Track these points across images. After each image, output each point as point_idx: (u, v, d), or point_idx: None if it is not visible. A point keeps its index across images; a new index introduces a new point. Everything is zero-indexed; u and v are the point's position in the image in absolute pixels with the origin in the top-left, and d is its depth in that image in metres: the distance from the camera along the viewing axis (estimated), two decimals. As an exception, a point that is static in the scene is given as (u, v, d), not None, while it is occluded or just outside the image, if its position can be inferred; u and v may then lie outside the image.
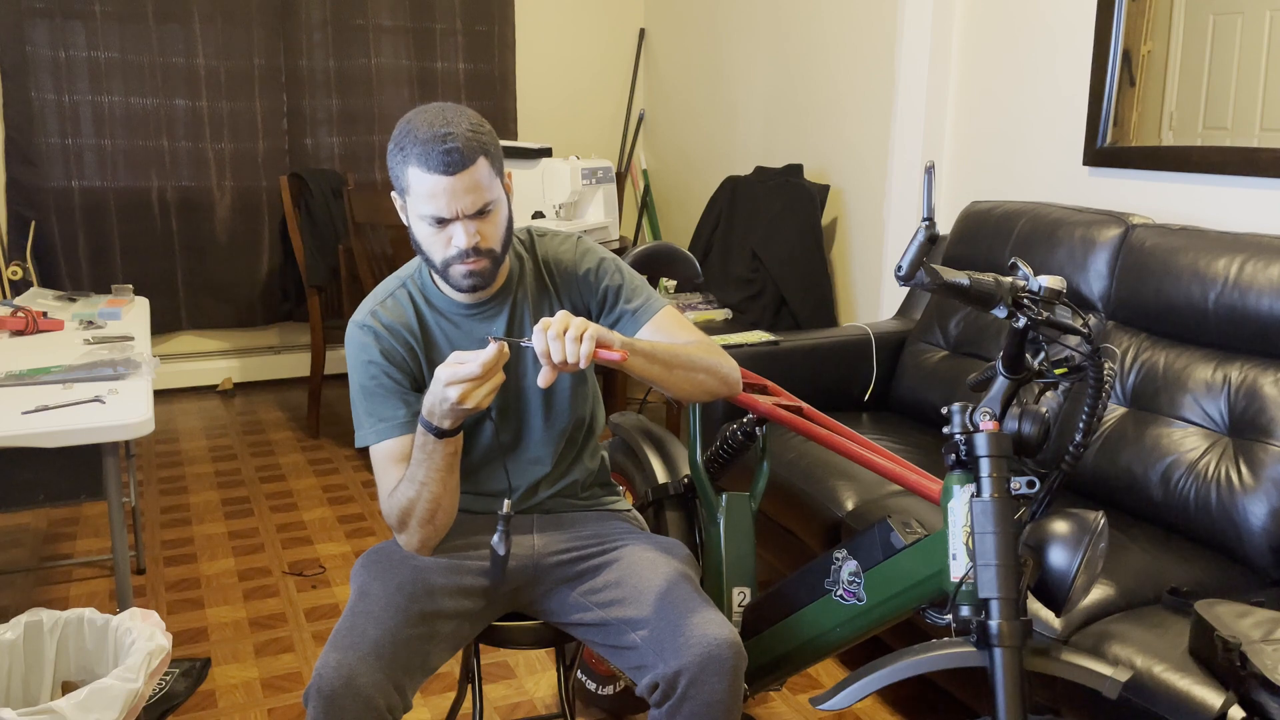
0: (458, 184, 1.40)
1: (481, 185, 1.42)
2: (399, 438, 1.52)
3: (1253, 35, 2.35)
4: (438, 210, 1.42)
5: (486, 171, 1.43)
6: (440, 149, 1.39)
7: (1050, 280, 1.39)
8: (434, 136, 1.39)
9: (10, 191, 4.28)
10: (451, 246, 1.45)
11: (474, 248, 1.44)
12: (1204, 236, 2.21)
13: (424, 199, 1.42)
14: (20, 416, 1.82)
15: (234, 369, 4.84)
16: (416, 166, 1.41)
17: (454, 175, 1.40)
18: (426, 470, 1.45)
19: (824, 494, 2.33)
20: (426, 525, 1.51)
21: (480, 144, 1.42)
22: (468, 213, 1.42)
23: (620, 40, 5.26)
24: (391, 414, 1.52)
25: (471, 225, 1.43)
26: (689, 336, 1.59)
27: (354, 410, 1.57)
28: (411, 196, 1.44)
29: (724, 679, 1.39)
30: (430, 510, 1.49)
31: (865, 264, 3.70)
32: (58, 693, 1.72)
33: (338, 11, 4.65)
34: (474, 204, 1.42)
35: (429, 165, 1.40)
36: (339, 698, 1.33)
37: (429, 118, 1.42)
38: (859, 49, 3.65)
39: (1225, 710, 1.47)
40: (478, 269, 1.46)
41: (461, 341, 1.57)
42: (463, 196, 1.41)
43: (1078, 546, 1.39)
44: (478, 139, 1.42)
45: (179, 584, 2.84)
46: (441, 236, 1.45)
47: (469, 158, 1.40)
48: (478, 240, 1.44)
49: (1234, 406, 2.04)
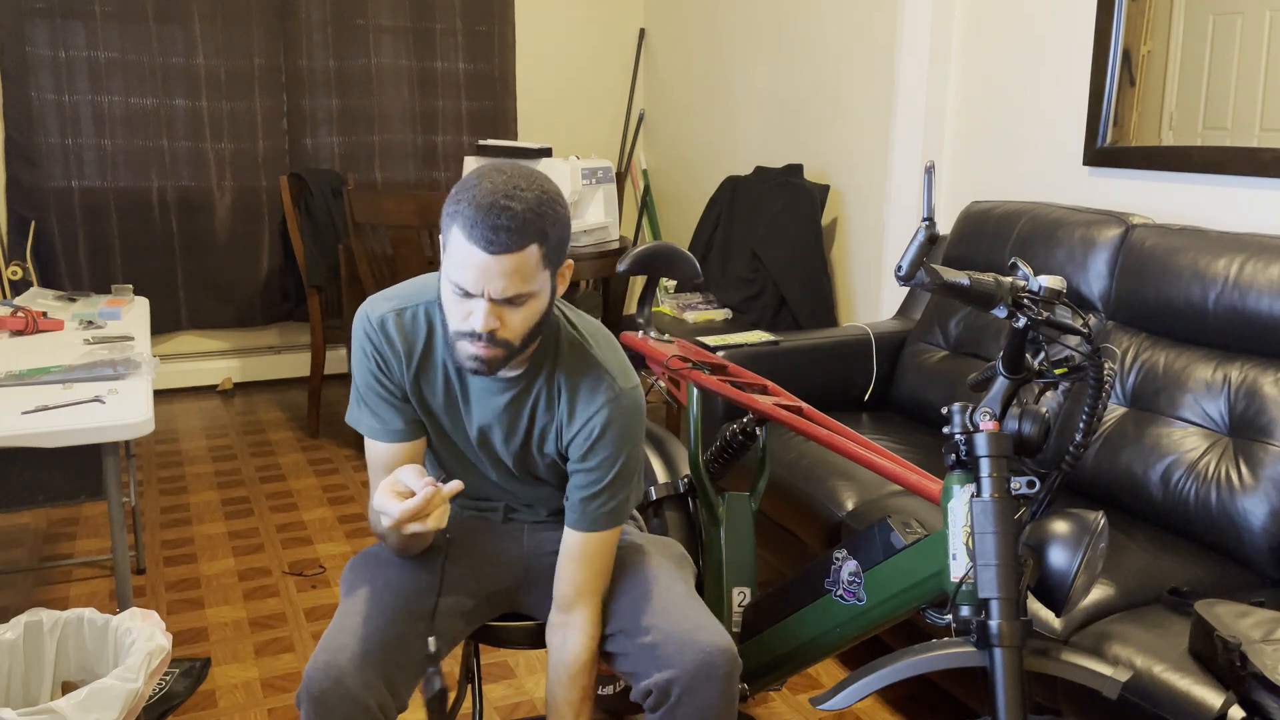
0: (495, 265, 1.26)
1: (522, 273, 1.27)
2: (389, 445, 1.48)
3: (1253, 35, 2.35)
4: (464, 282, 1.28)
5: (534, 260, 1.28)
6: (490, 222, 1.24)
7: (1050, 280, 1.39)
8: (492, 205, 1.25)
9: (10, 191, 4.28)
10: (468, 323, 1.31)
11: (489, 334, 1.31)
12: (1204, 236, 2.21)
13: (457, 265, 1.28)
14: (20, 416, 1.82)
15: (234, 369, 4.84)
16: (460, 230, 1.26)
17: (495, 255, 1.25)
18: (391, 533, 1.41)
19: (824, 494, 2.33)
20: (401, 554, 1.54)
21: (538, 228, 1.27)
22: (496, 297, 1.28)
23: (620, 40, 5.26)
24: (386, 420, 1.48)
25: (496, 311, 1.30)
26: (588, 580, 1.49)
27: (353, 388, 1.52)
28: (448, 255, 1.30)
29: (717, 686, 1.39)
30: (400, 550, 1.51)
31: (865, 264, 3.70)
32: (58, 693, 1.72)
33: (338, 11, 4.65)
34: (505, 290, 1.28)
35: (472, 235, 1.25)
36: (328, 698, 1.33)
37: (496, 182, 1.27)
38: (859, 49, 3.65)
39: (1225, 710, 1.47)
40: (486, 356, 1.33)
41: (457, 392, 1.48)
42: (496, 279, 1.27)
43: (1078, 546, 1.39)
44: (538, 222, 1.27)
45: (179, 584, 2.84)
46: (462, 307, 1.31)
47: (518, 242, 1.25)
48: (496, 327, 1.30)
49: (1234, 406, 2.04)
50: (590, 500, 1.46)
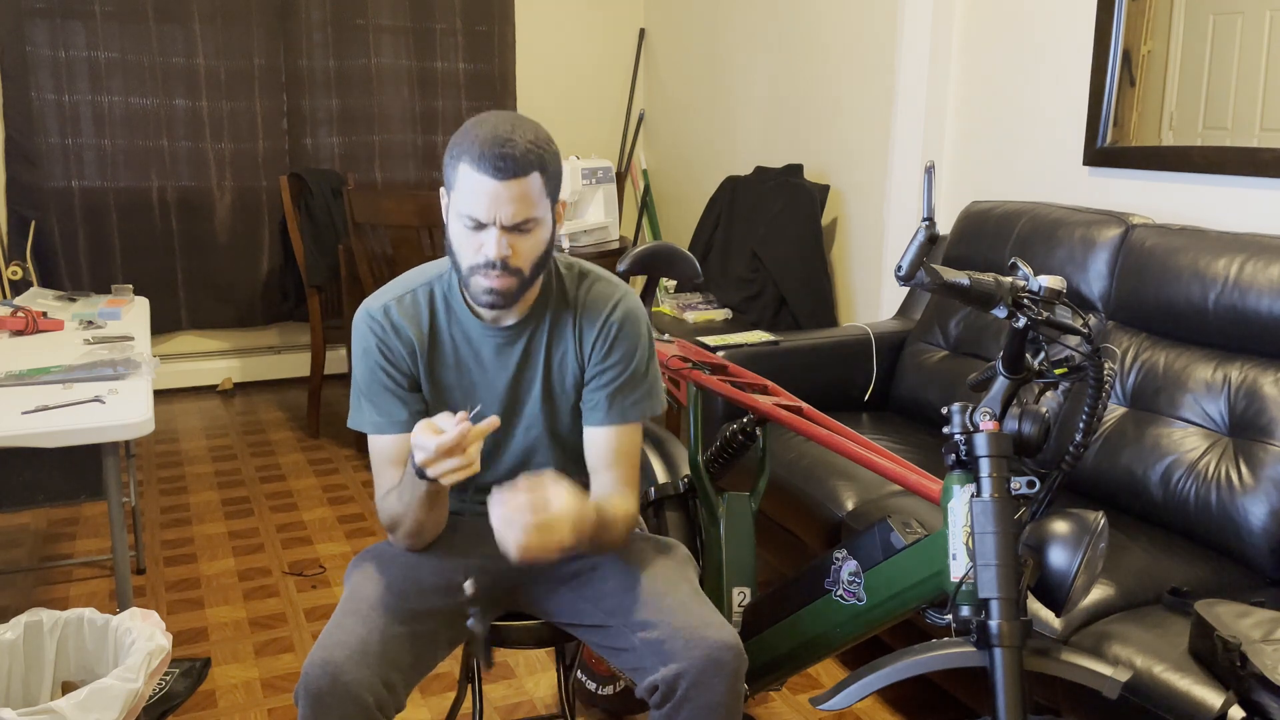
0: (504, 191, 1.36)
1: (529, 199, 1.37)
2: (394, 436, 1.52)
3: (1253, 35, 2.35)
4: (476, 212, 1.37)
5: (538, 187, 1.38)
6: (497, 151, 1.35)
7: (1050, 280, 1.39)
8: (496, 138, 1.36)
9: (10, 191, 4.28)
10: (481, 254, 1.39)
11: (503, 261, 1.39)
12: (1204, 236, 2.21)
13: (466, 197, 1.38)
14: (20, 416, 1.82)
15: (234, 369, 4.84)
16: (468, 164, 1.36)
17: (502, 181, 1.35)
18: (411, 496, 1.43)
19: (824, 494, 2.33)
20: (414, 538, 1.52)
21: (538, 158, 1.38)
22: (506, 223, 1.37)
23: (620, 40, 5.26)
24: (389, 411, 1.52)
25: (506, 237, 1.38)
26: (625, 475, 1.55)
27: (353, 392, 1.56)
28: (456, 192, 1.39)
29: (724, 681, 1.39)
30: (415, 530, 1.50)
31: (865, 264, 3.70)
32: (58, 693, 1.72)
33: (338, 11, 4.65)
34: (515, 215, 1.37)
35: (480, 165, 1.35)
36: (326, 695, 1.33)
37: (495, 120, 1.38)
38: (859, 49, 3.65)
39: (1225, 710, 1.47)
40: (500, 287, 1.41)
41: (468, 355, 1.53)
42: (506, 205, 1.36)
43: (1078, 546, 1.39)
44: (538, 153, 1.38)
45: (179, 584, 2.84)
46: (474, 241, 1.40)
47: (523, 168, 1.36)
48: (508, 255, 1.39)
49: (1234, 406, 2.04)
50: (619, 393, 1.53)
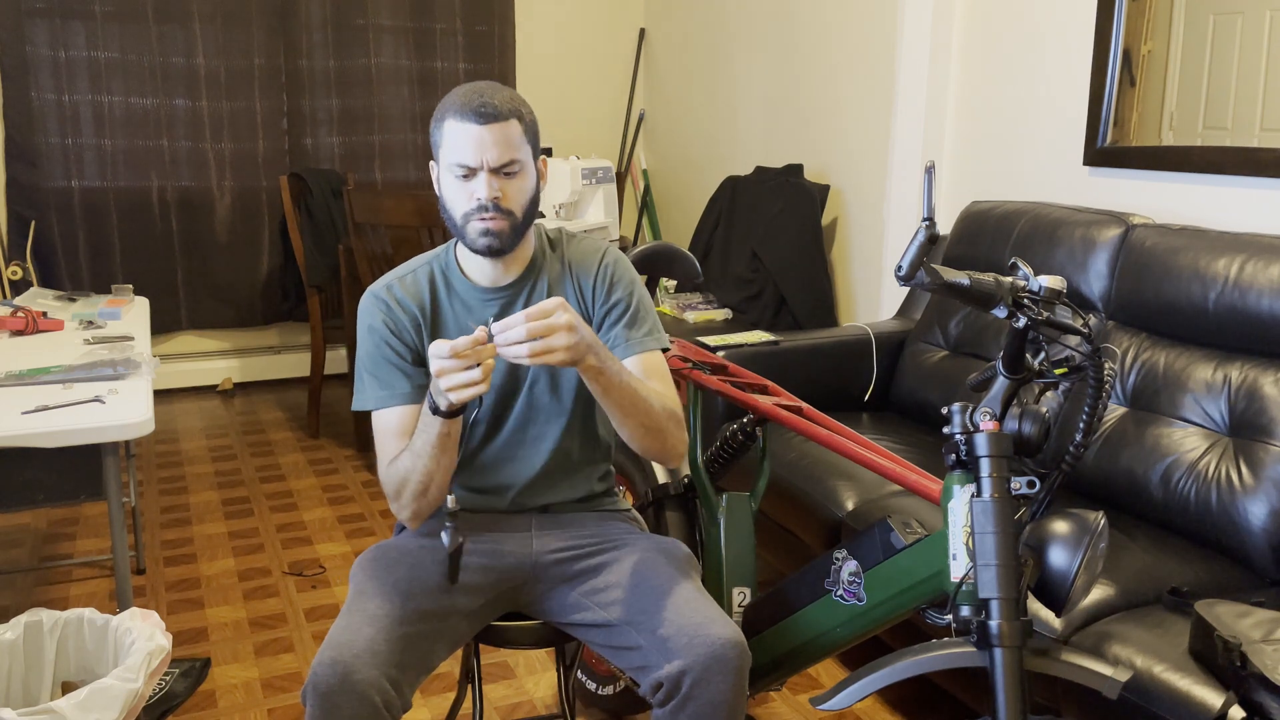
0: (487, 134, 1.46)
1: (510, 142, 1.48)
2: (398, 408, 1.55)
3: (1253, 35, 2.35)
4: (464, 158, 1.47)
5: (518, 133, 1.49)
6: (478, 102, 1.47)
7: (1050, 280, 1.39)
8: (475, 92, 1.49)
9: (10, 191, 4.28)
10: (473, 199, 1.49)
11: (494, 203, 1.48)
12: (1204, 236, 2.21)
13: (454, 146, 1.48)
14: (20, 416, 1.82)
15: (234, 369, 4.84)
16: (453, 118, 1.48)
17: (485, 125, 1.46)
18: (423, 442, 1.46)
19: (824, 494, 2.33)
20: (420, 498, 1.52)
21: (515, 109, 1.50)
22: (493, 164, 1.47)
23: (620, 40, 5.26)
24: (392, 385, 1.56)
25: (495, 180, 1.48)
26: (663, 386, 1.58)
27: (356, 373, 1.61)
28: (444, 149, 1.50)
29: (729, 678, 1.39)
30: (423, 484, 1.50)
31: (865, 264, 3.70)
32: (58, 693, 1.72)
33: (338, 11, 4.65)
34: (500, 157, 1.47)
35: (464, 115, 1.47)
36: (335, 695, 1.34)
37: (471, 85, 1.51)
38: (859, 49, 3.65)
39: (1225, 710, 1.47)
40: (495, 228, 1.50)
41: (469, 324, 1.59)
42: (490, 148, 1.46)
43: (1078, 546, 1.39)
44: (514, 104, 1.50)
45: (179, 584, 2.84)
46: (465, 189, 1.49)
47: (503, 114, 1.47)
48: (499, 197, 1.48)
49: (1234, 406, 2.04)
50: (632, 325, 1.61)
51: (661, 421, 1.52)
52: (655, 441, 1.54)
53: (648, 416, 1.50)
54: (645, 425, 1.50)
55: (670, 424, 1.54)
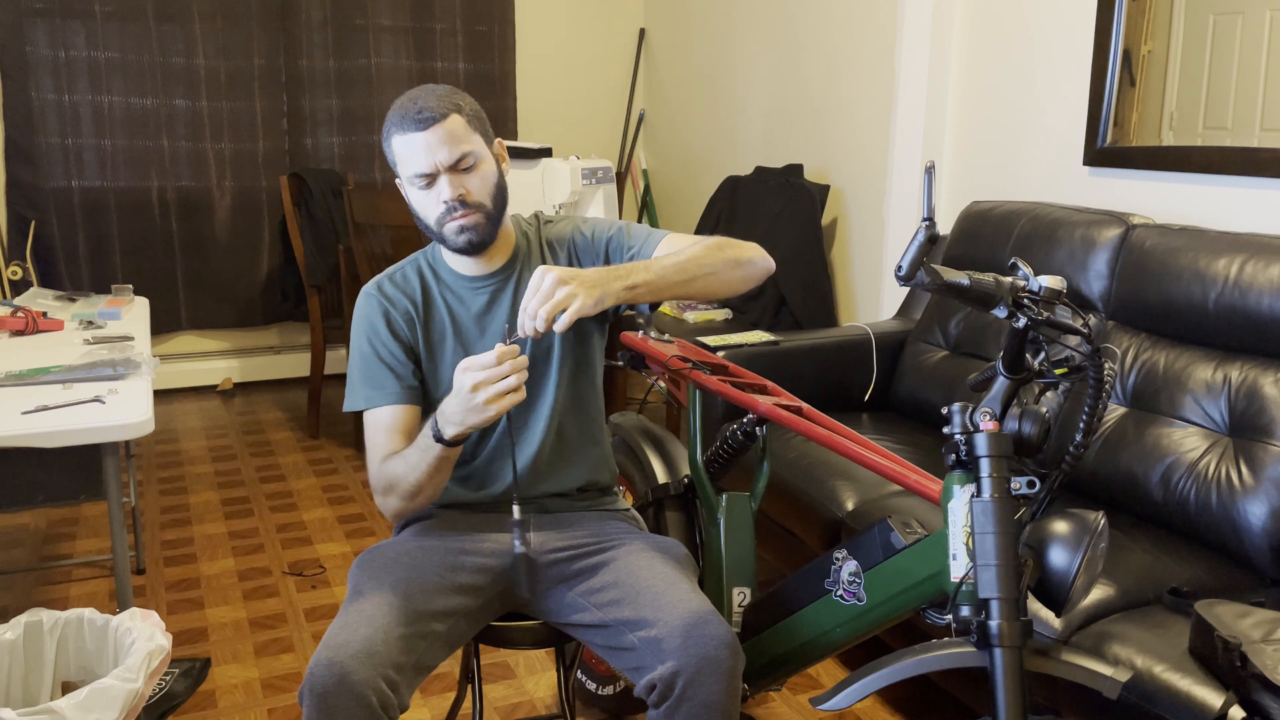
0: (431, 137, 1.48)
1: (456, 136, 1.50)
2: (388, 407, 1.58)
3: (1253, 35, 2.35)
4: (418, 167, 1.50)
5: (461, 126, 1.51)
6: (414, 109, 1.49)
7: (1050, 280, 1.39)
8: (407, 103, 1.51)
9: (10, 191, 4.28)
10: (440, 204, 1.52)
11: (460, 200, 1.51)
12: (1204, 236, 2.21)
13: (407, 159, 1.50)
14: (20, 416, 1.82)
15: (234, 369, 4.84)
16: (397, 134, 1.50)
17: (427, 130, 1.48)
18: (420, 459, 1.49)
19: (824, 494, 2.33)
20: (407, 501, 1.55)
21: (452, 104, 1.51)
22: (446, 164, 1.49)
23: (620, 40, 5.26)
24: (383, 384, 1.59)
25: (455, 178, 1.51)
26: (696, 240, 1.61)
27: (349, 375, 1.63)
28: (400, 166, 1.52)
29: (722, 680, 1.39)
30: (412, 493, 1.53)
31: (865, 264, 3.70)
32: (58, 693, 1.72)
33: (338, 11, 4.65)
34: (451, 155, 1.49)
35: (404, 127, 1.49)
36: (331, 695, 1.33)
37: (407, 95, 1.53)
38: (859, 49, 3.65)
39: (1225, 710, 1.47)
40: (469, 222, 1.52)
41: (462, 314, 1.62)
42: (439, 149, 1.49)
43: (1078, 546, 1.39)
44: (449, 100, 1.51)
45: (179, 584, 2.84)
46: (431, 196, 1.52)
47: (440, 114, 1.49)
48: (464, 193, 1.51)
49: (1234, 406, 2.04)
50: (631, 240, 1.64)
51: (720, 257, 1.54)
52: (736, 270, 1.56)
53: (707, 265, 1.52)
54: (713, 272, 1.53)
55: (728, 251, 1.56)
